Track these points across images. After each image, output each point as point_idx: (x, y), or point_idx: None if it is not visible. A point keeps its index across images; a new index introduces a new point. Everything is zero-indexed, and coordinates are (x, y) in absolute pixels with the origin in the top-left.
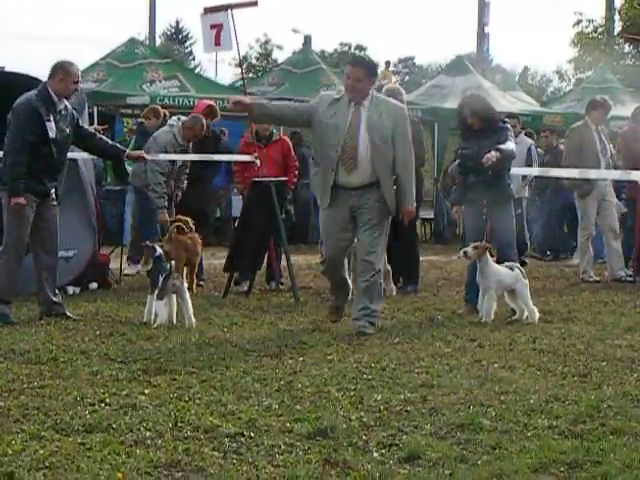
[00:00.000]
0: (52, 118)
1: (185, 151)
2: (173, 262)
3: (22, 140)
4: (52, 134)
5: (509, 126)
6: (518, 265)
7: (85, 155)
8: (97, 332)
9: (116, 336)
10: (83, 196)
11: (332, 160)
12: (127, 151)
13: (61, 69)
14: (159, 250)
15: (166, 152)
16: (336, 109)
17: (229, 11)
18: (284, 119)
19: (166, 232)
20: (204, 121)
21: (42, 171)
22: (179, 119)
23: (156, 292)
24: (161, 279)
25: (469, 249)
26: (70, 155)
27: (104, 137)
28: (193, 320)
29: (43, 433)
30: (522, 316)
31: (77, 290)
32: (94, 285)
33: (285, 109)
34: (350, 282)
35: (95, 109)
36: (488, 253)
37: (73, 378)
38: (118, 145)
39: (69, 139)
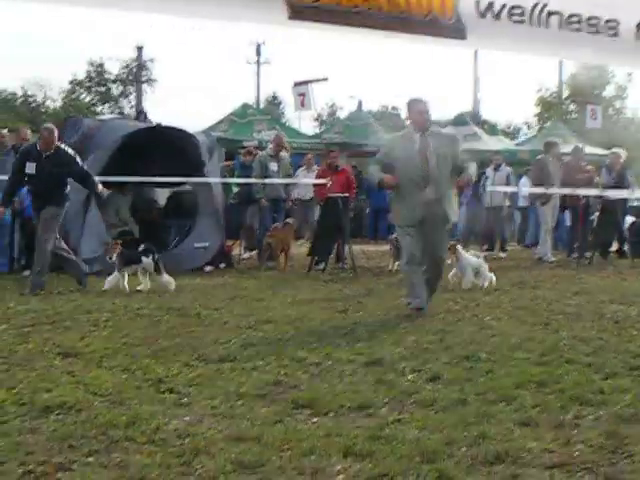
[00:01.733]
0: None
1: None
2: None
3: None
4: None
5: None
6: (479, 254)
7: (216, 180)
8: (225, 296)
9: (237, 299)
10: (214, 207)
11: (415, 181)
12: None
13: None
14: None
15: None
16: (405, 142)
17: (309, 84)
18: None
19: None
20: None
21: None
22: None
23: None
24: None
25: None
26: (206, 180)
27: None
28: None
29: (192, 362)
30: (484, 285)
31: (211, 268)
32: (222, 265)
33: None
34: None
35: (223, 150)
36: (459, 247)
37: (211, 326)
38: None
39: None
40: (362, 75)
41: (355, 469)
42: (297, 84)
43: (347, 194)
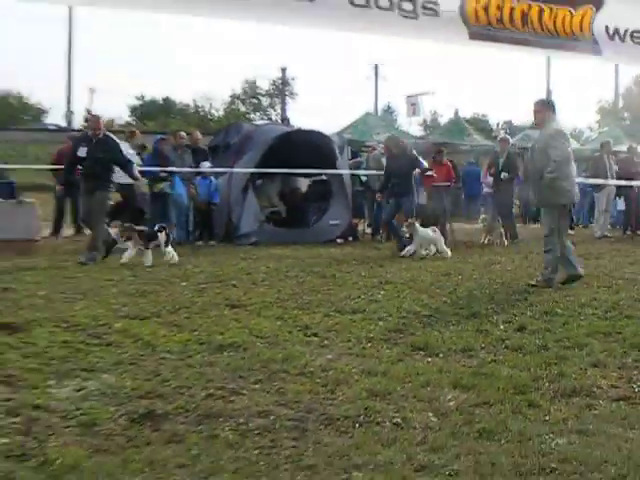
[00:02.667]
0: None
1: None
2: None
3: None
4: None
5: (415, 153)
6: (435, 228)
7: (345, 172)
8: (353, 262)
9: (363, 264)
10: (345, 193)
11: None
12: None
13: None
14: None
15: None
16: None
17: (419, 96)
18: None
19: None
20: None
21: None
22: None
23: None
24: None
25: (404, 228)
26: (337, 171)
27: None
28: None
29: (330, 313)
30: (438, 253)
31: (342, 241)
32: (350, 238)
33: None
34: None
35: (349, 148)
36: (417, 224)
37: (344, 285)
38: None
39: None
40: (458, 89)
41: (462, 398)
42: (409, 96)
43: (448, 183)
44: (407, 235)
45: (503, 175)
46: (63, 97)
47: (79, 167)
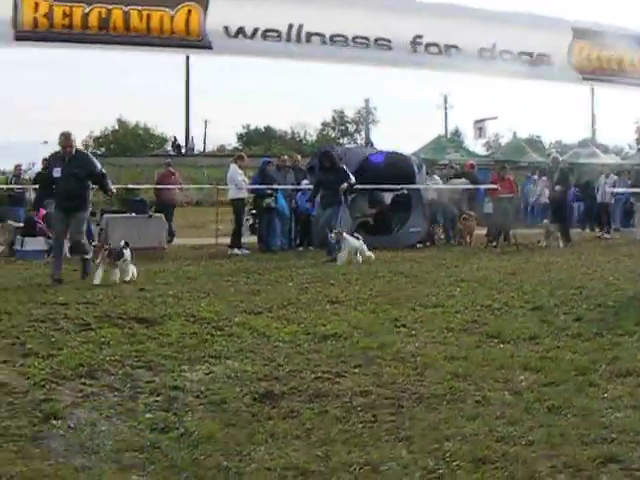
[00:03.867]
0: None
1: None
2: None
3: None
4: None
5: (344, 167)
6: (359, 236)
7: (422, 186)
8: (431, 264)
9: (440, 266)
10: (422, 204)
11: None
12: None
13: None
14: None
15: None
16: None
17: (485, 121)
18: None
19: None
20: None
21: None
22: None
23: None
24: None
25: (333, 235)
26: (416, 186)
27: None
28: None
29: (415, 307)
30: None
31: (421, 245)
32: (428, 243)
33: None
34: None
35: (425, 166)
36: (345, 234)
37: (425, 283)
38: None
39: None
40: (517, 113)
41: (532, 379)
42: (477, 121)
43: (511, 194)
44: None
45: (557, 187)
46: (182, 127)
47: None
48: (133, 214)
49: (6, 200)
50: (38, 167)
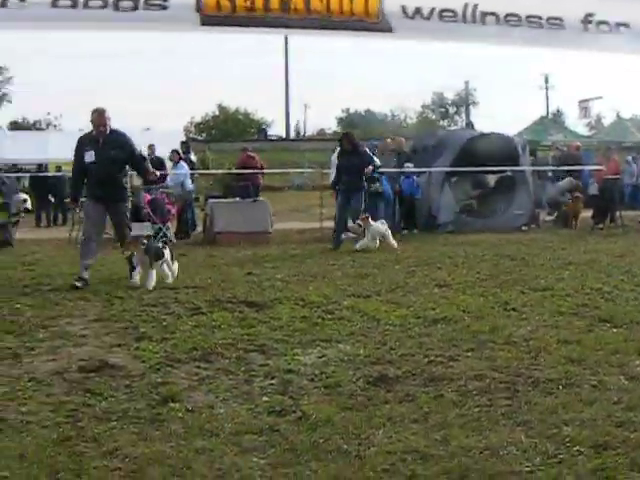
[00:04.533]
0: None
1: None
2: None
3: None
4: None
5: (367, 150)
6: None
7: (527, 168)
8: (536, 247)
9: (546, 249)
10: (527, 186)
11: None
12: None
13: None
14: None
15: None
16: None
17: (590, 101)
18: None
19: None
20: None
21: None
22: None
23: None
24: None
25: (359, 222)
26: (520, 168)
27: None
28: None
29: (524, 290)
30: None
31: (526, 228)
32: (532, 226)
33: None
34: None
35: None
36: (370, 219)
37: (532, 267)
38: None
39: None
40: (620, 93)
41: None
42: (582, 101)
43: (617, 176)
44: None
45: None
46: (282, 112)
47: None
48: (237, 199)
49: None
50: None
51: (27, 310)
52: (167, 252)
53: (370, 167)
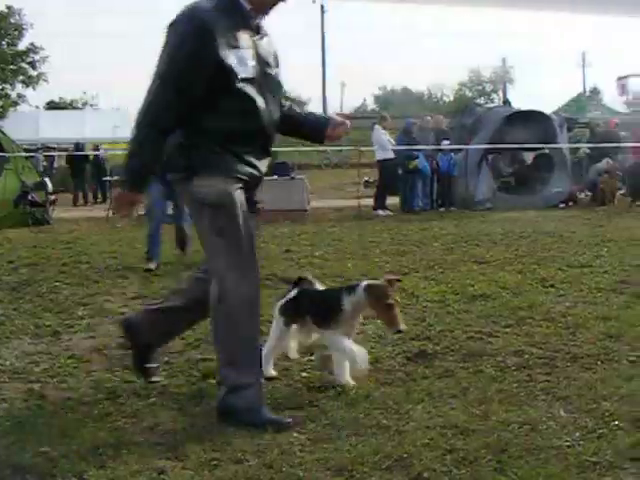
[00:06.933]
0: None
1: None
2: None
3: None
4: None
5: None
6: None
7: (565, 145)
8: (577, 223)
9: (583, 225)
10: (565, 164)
11: None
12: None
13: None
14: None
15: None
16: None
17: (628, 78)
18: None
19: None
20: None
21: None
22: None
23: None
24: None
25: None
26: (558, 145)
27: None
28: None
29: (563, 267)
30: None
31: (563, 205)
32: (570, 203)
33: None
34: None
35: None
36: None
37: (571, 243)
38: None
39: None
40: None
41: None
42: (620, 78)
43: None
44: None
45: None
46: (319, 90)
47: None
48: (275, 176)
49: None
50: None
51: (65, 288)
52: None
53: None
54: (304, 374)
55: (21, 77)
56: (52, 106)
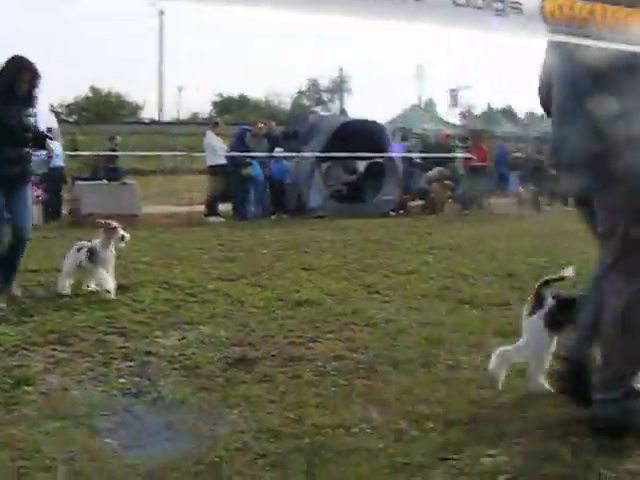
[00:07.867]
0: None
1: None
2: None
3: None
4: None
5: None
6: None
7: (397, 155)
8: (404, 231)
9: (411, 234)
10: (396, 172)
11: None
12: None
13: None
14: None
15: None
16: None
17: (459, 90)
18: None
19: None
20: None
21: None
22: None
23: None
24: None
25: None
26: (389, 154)
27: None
28: None
29: (388, 274)
30: None
31: (394, 213)
32: (401, 211)
33: None
34: None
35: (399, 134)
36: None
37: (397, 250)
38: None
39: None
40: (490, 84)
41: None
42: (452, 90)
43: (485, 164)
44: None
45: None
46: (155, 95)
47: None
48: (104, 181)
49: None
50: None
51: None
52: None
53: None
54: (122, 380)
55: None
56: None
